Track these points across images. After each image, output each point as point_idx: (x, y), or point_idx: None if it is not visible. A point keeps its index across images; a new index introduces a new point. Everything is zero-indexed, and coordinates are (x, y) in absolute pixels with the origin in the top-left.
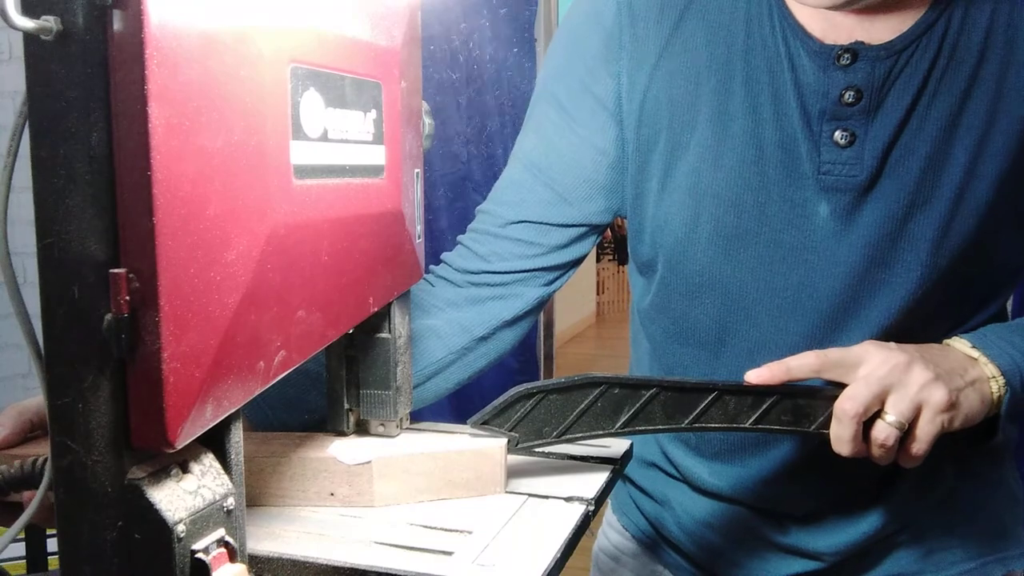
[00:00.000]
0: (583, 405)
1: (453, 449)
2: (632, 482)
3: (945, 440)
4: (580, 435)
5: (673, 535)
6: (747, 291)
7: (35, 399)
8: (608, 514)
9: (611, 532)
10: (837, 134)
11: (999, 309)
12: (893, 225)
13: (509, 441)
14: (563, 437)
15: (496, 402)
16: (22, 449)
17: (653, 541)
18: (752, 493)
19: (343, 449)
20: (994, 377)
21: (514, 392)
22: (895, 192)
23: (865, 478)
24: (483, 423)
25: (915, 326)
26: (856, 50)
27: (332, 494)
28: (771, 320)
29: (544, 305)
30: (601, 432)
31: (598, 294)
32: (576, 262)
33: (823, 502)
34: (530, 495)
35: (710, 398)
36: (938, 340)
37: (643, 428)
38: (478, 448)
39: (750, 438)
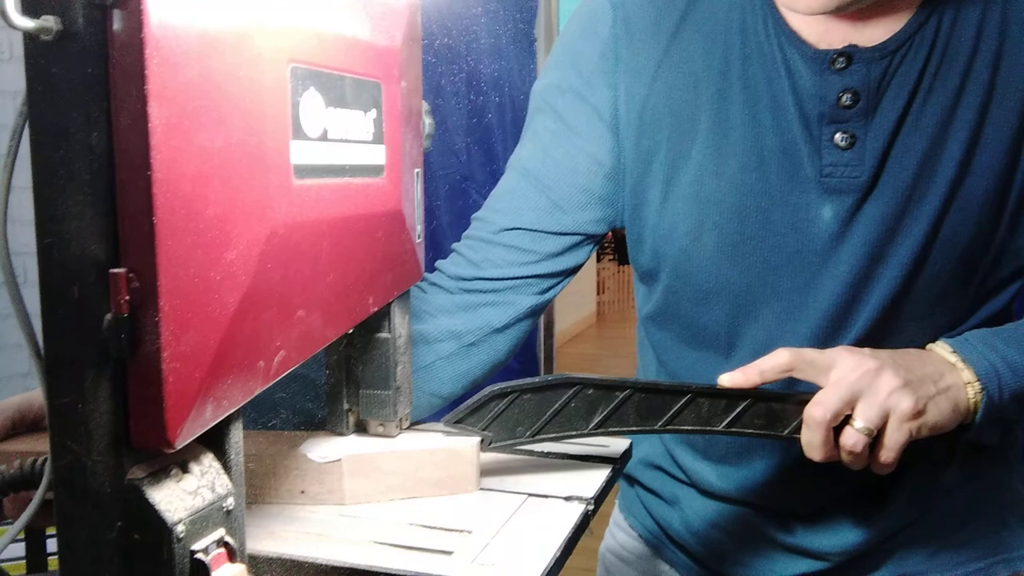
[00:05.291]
0: (557, 405)
1: (425, 448)
2: (640, 483)
3: (951, 441)
4: (553, 435)
5: (679, 535)
6: (754, 295)
7: (16, 397)
8: (615, 513)
9: (618, 532)
10: (838, 136)
11: (1003, 307)
12: (892, 222)
13: (482, 440)
14: (536, 437)
15: (470, 401)
16: (7, 446)
17: (660, 541)
18: (760, 494)
19: (314, 447)
20: (970, 383)
21: (488, 391)
22: (894, 190)
23: (871, 477)
24: (457, 421)
25: (914, 321)
26: (850, 53)
27: (303, 492)
28: (778, 322)
29: (539, 314)
30: (575, 432)
31: (598, 294)
32: (571, 271)
33: (830, 501)
34: (529, 494)
35: (683, 400)
36: (938, 335)
37: (616, 429)
38: (450, 447)
39: (756, 439)
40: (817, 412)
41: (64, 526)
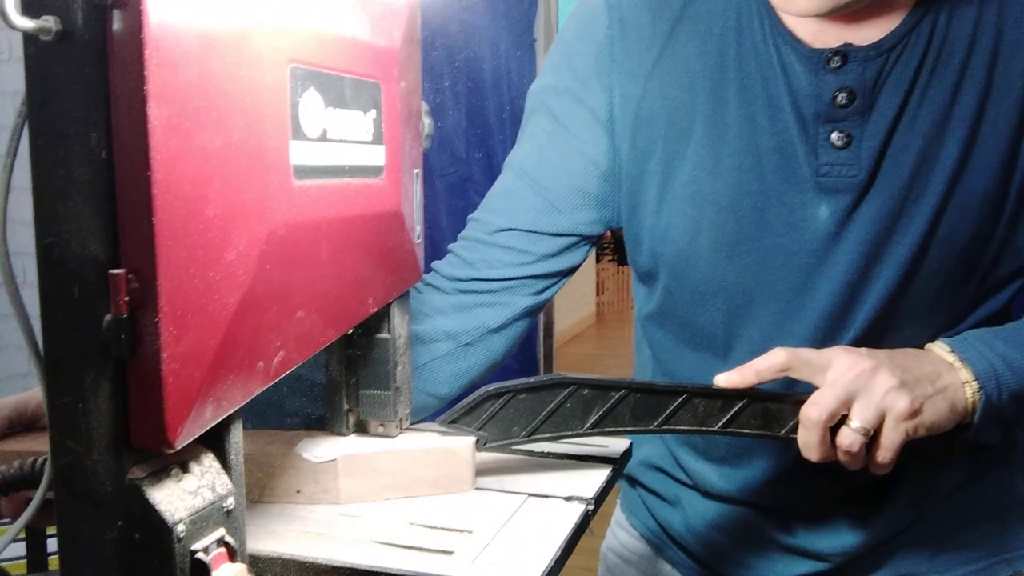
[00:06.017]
0: (552, 405)
1: (420, 447)
2: (641, 484)
3: (949, 441)
4: (549, 435)
5: (681, 536)
6: (750, 296)
7: (12, 397)
8: (617, 513)
9: (620, 531)
10: (834, 135)
11: (1002, 306)
12: (889, 221)
13: (477, 440)
14: (532, 437)
15: (465, 401)
16: (5, 446)
17: (661, 541)
18: (760, 494)
19: (310, 446)
20: (968, 382)
21: (483, 391)
22: (891, 188)
23: (871, 478)
24: (452, 421)
25: (912, 320)
26: (845, 52)
27: (298, 491)
28: (775, 323)
29: (535, 314)
30: (570, 432)
31: (598, 294)
32: (567, 272)
33: (830, 501)
34: (530, 494)
35: (679, 400)
36: (936, 335)
37: (612, 429)
38: (445, 447)
39: (756, 439)
40: (813, 412)
41: (64, 526)
